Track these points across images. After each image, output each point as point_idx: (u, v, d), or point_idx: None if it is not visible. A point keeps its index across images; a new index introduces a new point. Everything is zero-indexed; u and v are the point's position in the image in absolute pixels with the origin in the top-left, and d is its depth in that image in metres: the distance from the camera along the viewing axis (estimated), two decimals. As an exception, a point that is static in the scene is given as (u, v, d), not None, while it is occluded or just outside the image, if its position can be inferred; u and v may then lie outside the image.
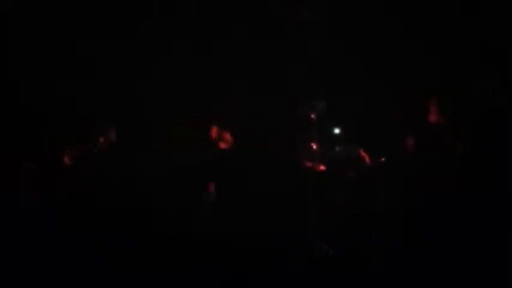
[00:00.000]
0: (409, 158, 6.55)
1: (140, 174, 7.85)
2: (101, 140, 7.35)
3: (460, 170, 6.31)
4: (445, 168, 6.27)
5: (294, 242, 6.43)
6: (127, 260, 6.03)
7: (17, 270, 5.70)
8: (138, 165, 7.96)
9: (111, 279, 5.53)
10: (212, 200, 7.31)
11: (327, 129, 7.16)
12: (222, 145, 7.18)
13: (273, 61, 8.71)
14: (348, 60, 8.45)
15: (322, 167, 6.81)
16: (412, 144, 6.57)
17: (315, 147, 6.81)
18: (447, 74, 7.91)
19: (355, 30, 8.43)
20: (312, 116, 6.87)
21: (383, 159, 6.81)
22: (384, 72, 8.37)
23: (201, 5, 8.54)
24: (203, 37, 8.62)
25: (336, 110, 7.35)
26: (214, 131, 7.24)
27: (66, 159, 7.26)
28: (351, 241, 6.62)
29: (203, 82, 8.73)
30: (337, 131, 7.13)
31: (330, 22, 8.47)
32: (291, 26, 8.60)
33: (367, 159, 6.91)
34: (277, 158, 7.24)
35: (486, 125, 7.20)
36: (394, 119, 7.93)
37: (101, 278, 5.54)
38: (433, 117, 6.47)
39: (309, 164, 6.96)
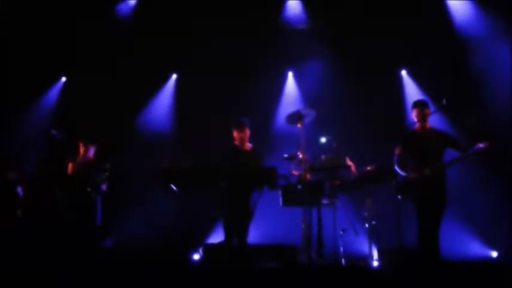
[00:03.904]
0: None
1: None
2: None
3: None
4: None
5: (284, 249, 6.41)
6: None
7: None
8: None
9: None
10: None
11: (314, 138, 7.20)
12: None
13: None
14: (339, 68, 8.59)
15: (308, 176, 6.78)
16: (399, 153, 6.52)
17: (301, 155, 6.80)
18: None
19: (348, 39, 8.58)
20: (299, 124, 6.91)
21: (369, 167, 6.80)
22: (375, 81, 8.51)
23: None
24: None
25: (324, 119, 7.40)
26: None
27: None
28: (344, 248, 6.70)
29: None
30: (323, 139, 7.12)
31: (324, 31, 8.60)
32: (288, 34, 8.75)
33: (353, 167, 6.89)
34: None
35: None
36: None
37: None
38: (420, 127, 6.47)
39: (296, 173, 6.95)
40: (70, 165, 7.31)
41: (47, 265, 5.96)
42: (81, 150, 7.40)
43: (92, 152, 7.44)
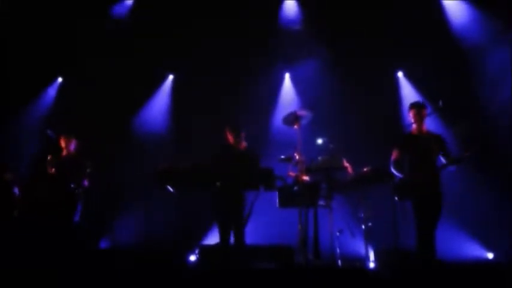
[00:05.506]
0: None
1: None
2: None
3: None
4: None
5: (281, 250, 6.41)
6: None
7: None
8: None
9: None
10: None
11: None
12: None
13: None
14: (336, 70, 8.60)
15: (305, 177, 6.78)
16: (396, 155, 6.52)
17: (298, 157, 6.79)
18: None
19: (344, 42, 8.59)
20: (296, 126, 6.90)
21: (366, 169, 6.80)
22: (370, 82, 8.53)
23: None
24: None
25: (320, 120, 7.40)
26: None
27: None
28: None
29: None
30: (320, 141, 7.12)
31: (322, 32, 8.61)
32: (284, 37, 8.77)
33: (350, 169, 6.89)
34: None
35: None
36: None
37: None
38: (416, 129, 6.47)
39: (292, 174, 6.94)
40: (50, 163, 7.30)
41: (38, 265, 5.97)
42: (63, 143, 7.42)
43: (73, 146, 7.45)
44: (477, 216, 8.00)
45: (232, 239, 6.53)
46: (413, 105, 6.49)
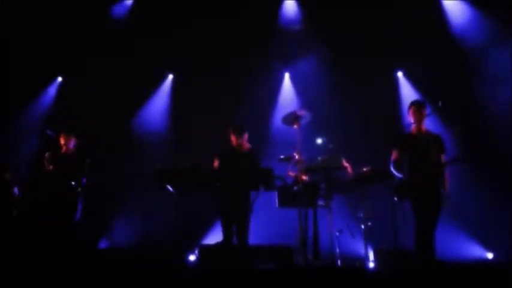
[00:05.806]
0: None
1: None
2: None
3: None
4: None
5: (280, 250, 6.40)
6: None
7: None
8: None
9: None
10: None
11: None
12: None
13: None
14: (336, 70, 8.60)
15: (304, 177, 6.78)
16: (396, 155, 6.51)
17: (297, 156, 6.79)
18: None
19: (344, 41, 8.59)
20: (296, 125, 6.90)
21: (365, 169, 6.80)
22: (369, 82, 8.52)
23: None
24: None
25: (320, 120, 7.40)
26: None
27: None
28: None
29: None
30: (319, 141, 7.12)
31: (320, 34, 8.61)
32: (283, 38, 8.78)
33: (349, 169, 6.88)
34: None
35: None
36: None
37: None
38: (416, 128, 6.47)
39: (292, 174, 6.94)
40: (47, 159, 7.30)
41: (37, 264, 5.97)
42: (62, 141, 7.44)
43: (72, 143, 7.47)
44: (477, 216, 8.00)
45: (235, 238, 6.56)
46: (413, 103, 6.50)
